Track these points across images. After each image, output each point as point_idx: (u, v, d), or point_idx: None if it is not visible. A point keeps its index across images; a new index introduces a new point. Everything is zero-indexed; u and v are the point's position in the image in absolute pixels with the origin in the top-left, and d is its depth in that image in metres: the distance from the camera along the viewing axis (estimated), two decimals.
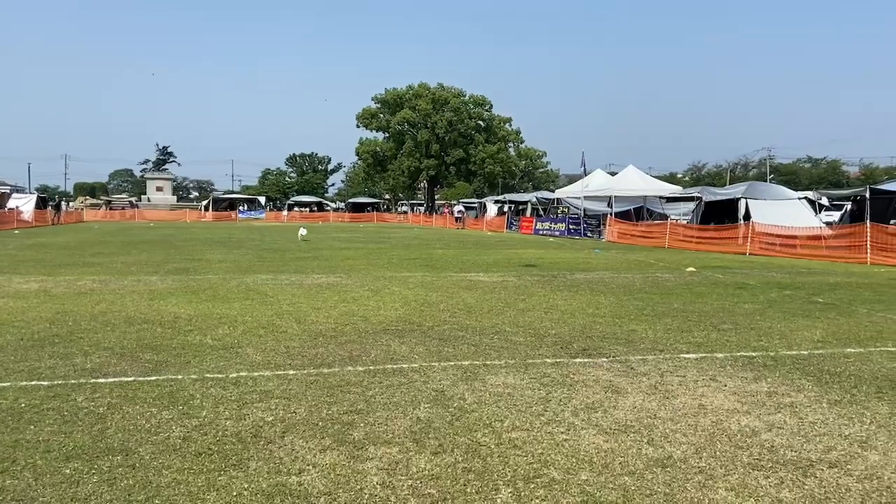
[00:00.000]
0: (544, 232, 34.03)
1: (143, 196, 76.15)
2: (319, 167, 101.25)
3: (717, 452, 3.50)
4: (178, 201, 78.15)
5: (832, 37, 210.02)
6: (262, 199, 71.58)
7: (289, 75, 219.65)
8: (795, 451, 3.53)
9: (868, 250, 16.74)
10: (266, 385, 4.66)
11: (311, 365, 5.26)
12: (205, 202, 70.40)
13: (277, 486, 3.03)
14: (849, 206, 23.54)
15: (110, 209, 63.66)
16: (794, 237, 19.70)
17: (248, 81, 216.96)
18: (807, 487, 3.09)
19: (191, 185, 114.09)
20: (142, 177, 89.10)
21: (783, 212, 21.91)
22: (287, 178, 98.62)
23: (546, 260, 16.68)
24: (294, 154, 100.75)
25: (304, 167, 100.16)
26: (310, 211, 69.01)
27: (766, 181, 46.52)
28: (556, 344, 6.21)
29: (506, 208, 46.67)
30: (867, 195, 19.68)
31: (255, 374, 4.97)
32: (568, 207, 38.15)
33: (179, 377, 4.85)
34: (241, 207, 66.89)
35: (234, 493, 2.95)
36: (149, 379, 4.79)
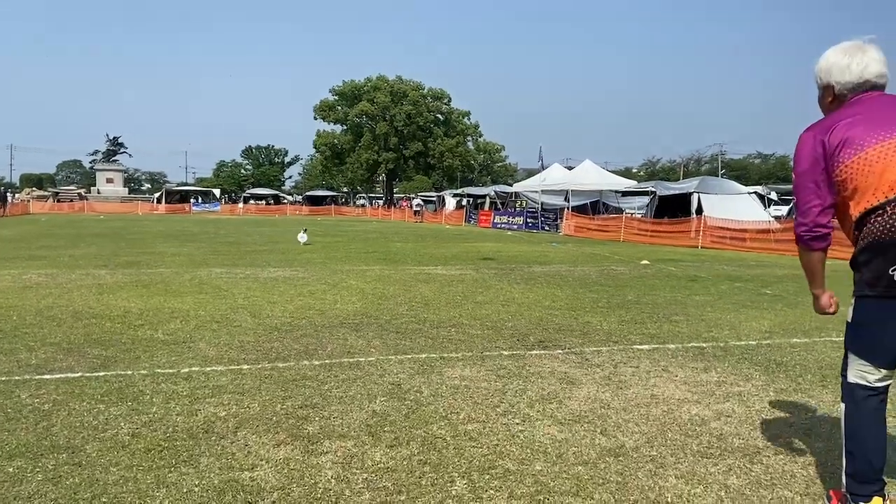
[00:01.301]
0: (502, 225, 34.23)
1: (92, 188, 73.85)
2: (276, 159, 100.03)
3: (668, 441, 3.57)
4: (129, 193, 76.02)
5: (780, 38, 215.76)
6: (217, 192, 70.38)
7: (245, 66, 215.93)
8: (743, 439, 3.62)
9: None
10: (219, 380, 4.58)
11: (266, 359, 5.19)
12: (157, 194, 68.91)
13: (229, 481, 2.98)
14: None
15: (58, 201, 61.71)
16: (744, 231, 20.22)
17: (202, 72, 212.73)
18: (753, 474, 3.17)
19: (143, 176, 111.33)
20: (91, 168, 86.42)
21: (734, 206, 22.51)
22: (243, 171, 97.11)
23: (504, 253, 16.78)
24: (250, 146, 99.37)
25: (260, 159, 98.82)
26: (266, 204, 68.06)
27: (717, 176, 47.57)
28: (512, 336, 6.25)
29: (464, 202, 46.83)
30: None
31: (208, 368, 4.87)
32: (526, 201, 38.45)
33: (129, 373, 4.73)
34: (194, 200, 65.62)
35: (185, 490, 2.89)
36: (97, 375, 4.66)
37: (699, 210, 22.47)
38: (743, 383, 4.75)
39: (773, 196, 30.33)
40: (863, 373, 2.67)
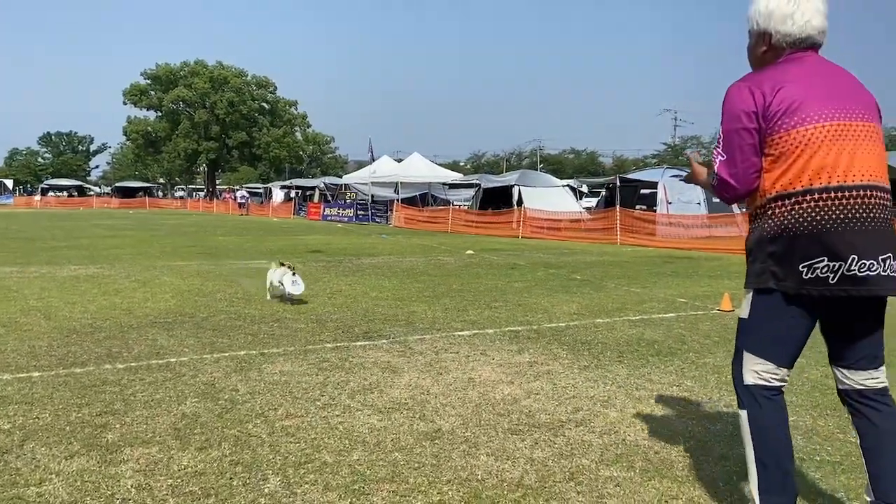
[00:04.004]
0: (332, 218, 33.87)
1: None
2: (80, 147, 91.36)
3: (482, 421, 3.73)
4: None
5: (592, 43, 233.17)
6: (10, 183, 63.04)
7: (39, 42, 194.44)
8: (549, 414, 3.87)
9: (618, 232, 18.91)
10: (3, 390, 4.10)
11: (61, 365, 4.72)
12: None
13: (12, 499, 2.67)
14: (604, 192, 26.32)
15: None
16: (559, 221, 21.65)
17: None
18: (556, 446, 3.40)
19: None
20: None
21: (550, 198, 24.01)
22: (40, 159, 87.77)
23: (333, 245, 16.62)
24: (48, 132, 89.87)
25: (60, 147, 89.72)
26: (69, 196, 61.94)
27: (536, 170, 50.43)
28: (337, 329, 6.20)
29: (293, 194, 45.72)
30: (618, 183, 22.17)
31: None
32: (356, 193, 38.34)
33: None
34: None
35: None
36: None
37: (520, 202, 23.69)
38: (552, 363, 5.07)
39: (584, 189, 32.82)
40: (761, 373, 2.42)
